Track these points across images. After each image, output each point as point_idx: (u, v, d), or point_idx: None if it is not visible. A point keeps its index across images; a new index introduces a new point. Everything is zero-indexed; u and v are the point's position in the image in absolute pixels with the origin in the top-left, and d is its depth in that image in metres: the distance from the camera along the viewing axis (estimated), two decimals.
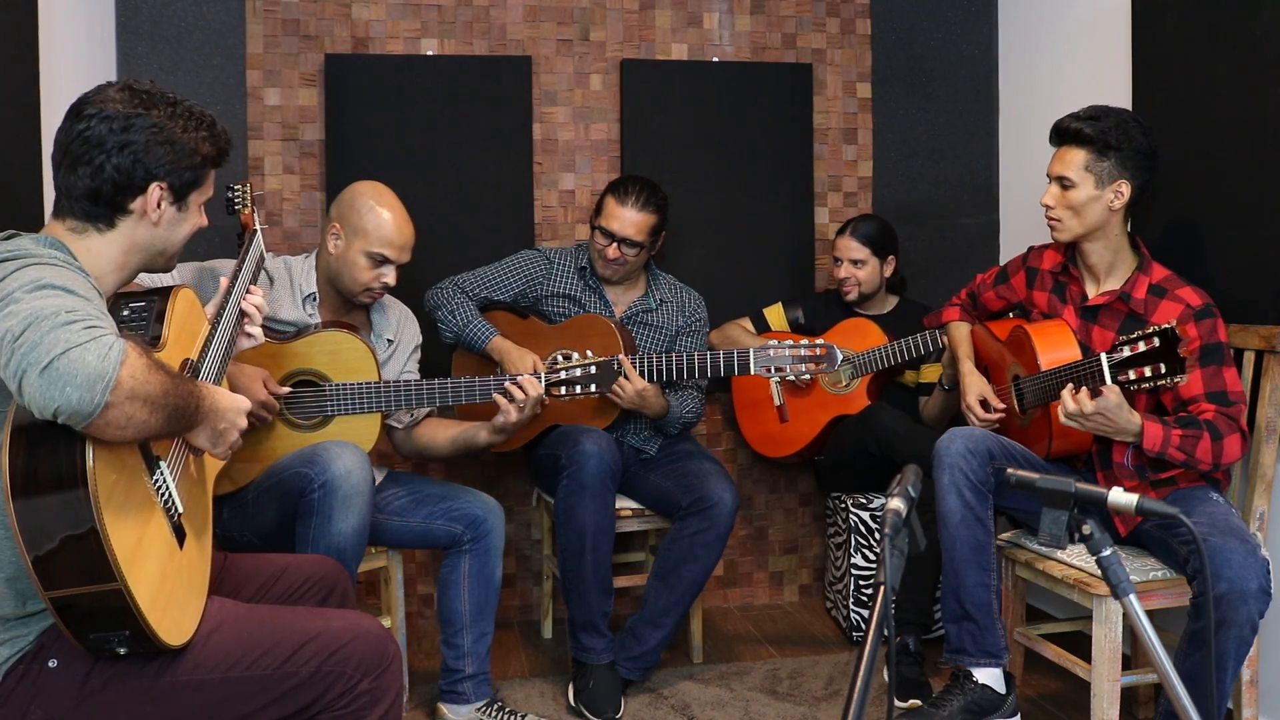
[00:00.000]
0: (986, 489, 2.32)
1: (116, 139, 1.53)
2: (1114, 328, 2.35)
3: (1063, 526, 1.49)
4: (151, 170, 1.56)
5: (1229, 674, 2.01)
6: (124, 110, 1.54)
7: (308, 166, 3.21)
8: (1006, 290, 2.66)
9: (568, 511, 2.64)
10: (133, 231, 1.58)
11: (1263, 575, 1.98)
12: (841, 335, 3.14)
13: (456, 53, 3.28)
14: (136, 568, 1.38)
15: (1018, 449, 2.40)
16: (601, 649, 2.69)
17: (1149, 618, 1.50)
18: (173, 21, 3.08)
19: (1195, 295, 2.26)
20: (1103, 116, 2.30)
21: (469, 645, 2.51)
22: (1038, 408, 2.42)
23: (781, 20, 3.49)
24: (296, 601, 1.85)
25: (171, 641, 1.45)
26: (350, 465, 2.19)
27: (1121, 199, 2.30)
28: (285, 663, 1.54)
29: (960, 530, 2.31)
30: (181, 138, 1.59)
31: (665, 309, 3.02)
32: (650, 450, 2.97)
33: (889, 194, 3.55)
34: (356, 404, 2.40)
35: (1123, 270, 2.38)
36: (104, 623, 1.37)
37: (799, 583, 3.57)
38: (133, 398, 1.32)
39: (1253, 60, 2.41)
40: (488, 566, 2.52)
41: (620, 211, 2.86)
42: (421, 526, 2.50)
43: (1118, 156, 2.29)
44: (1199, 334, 2.21)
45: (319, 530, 2.18)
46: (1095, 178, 2.30)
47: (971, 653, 2.35)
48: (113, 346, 1.30)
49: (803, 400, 3.14)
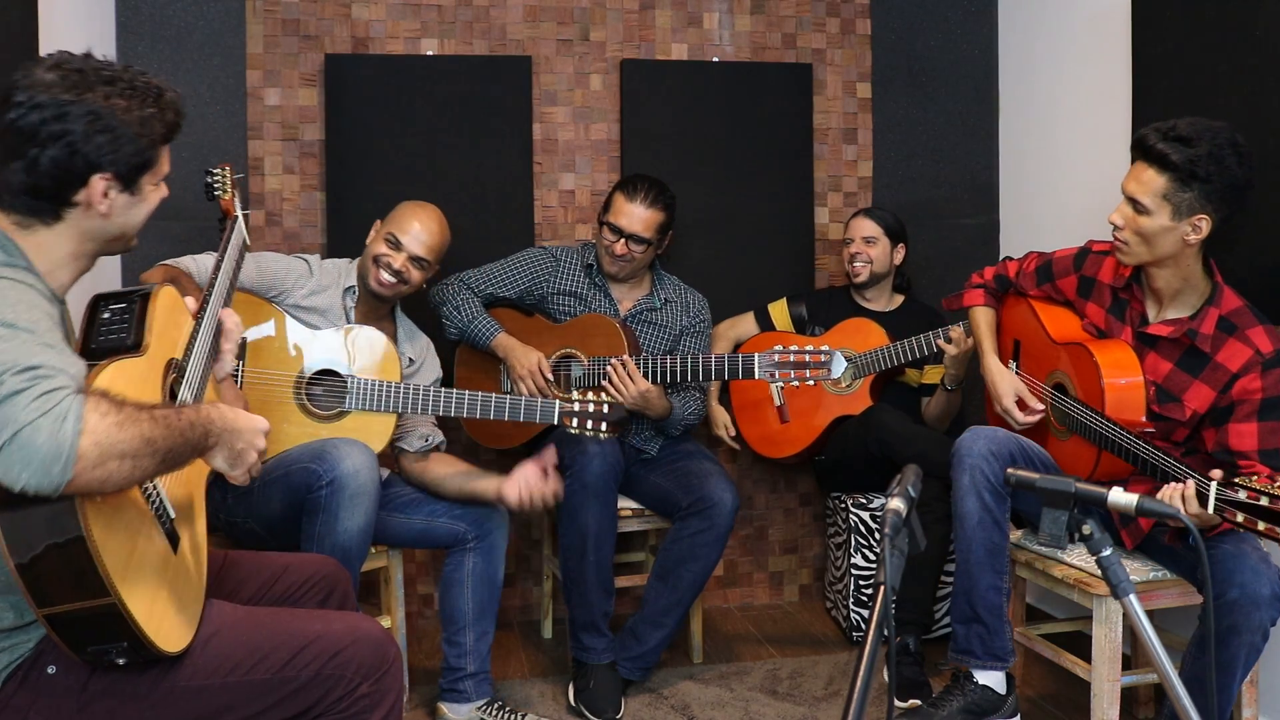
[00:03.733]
0: (1006, 492, 2.28)
1: (50, 129, 1.38)
2: (1173, 359, 2.17)
3: (1063, 526, 1.49)
4: (92, 161, 1.42)
5: (1236, 680, 2.00)
6: (56, 96, 1.38)
7: (308, 166, 3.21)
8: (1052, 290, 2.45)
9: (571, 512, 2.64)
10: (81, 223, 1.46)
11: (1275, 582, 1.96)
12: (843, 335, 3.14)
13: (456, 53, 3.28)
14: (131, 580, 1.35)
15: (1037, 452, 2.34)
16: (602, 649, 2.69)
17: (1149, 618, 1.50)
18: (173, 21, 3.08)
19: (1267, 340, 2.07)
20: (1197, 140, 2.01)
21: (470, 644, 2.52)
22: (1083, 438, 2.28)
23: (781, 20, 3.49)
24: (296, 602, 1.84)
25: (170, 649, 1.43)
26: (359, 464, 2.20)
27: (1199, 234, 2.06)
28: (285, 666, 1.53)
29: (977, 532, 2.29)
30: (123, 122, 1.43)
31: (670, 308, 3.02)
32: (651, 451, 2.97)
33: (889, 194, 3.55)
34: (375, 401, 2.43)
35: (1192, 298, 2.16)
36: (101, 636, 1.35)
37: (799, 583, 3.57)
38: (103, 462, 1.22)
39: (1253, 60, 2.41)
40: (491, 566, 2.53)
41: (629, 208, 2.86)
42: (424, 525, 2.51)
43: (1203, 189, 2.01)
44: (1263, 386, 2.04)
45: (325, 527, 2.19)
46: (1173, 208, 2.04)
47: (979, 655, 2.33)
48: (66, 418, 1.18)
49: (803, 401, 3.13)
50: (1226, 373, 2.10)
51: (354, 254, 2.70)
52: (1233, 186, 2.03)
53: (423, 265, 2.59)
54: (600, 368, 2.79)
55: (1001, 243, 3.58)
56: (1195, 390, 2.14)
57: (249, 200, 3.15)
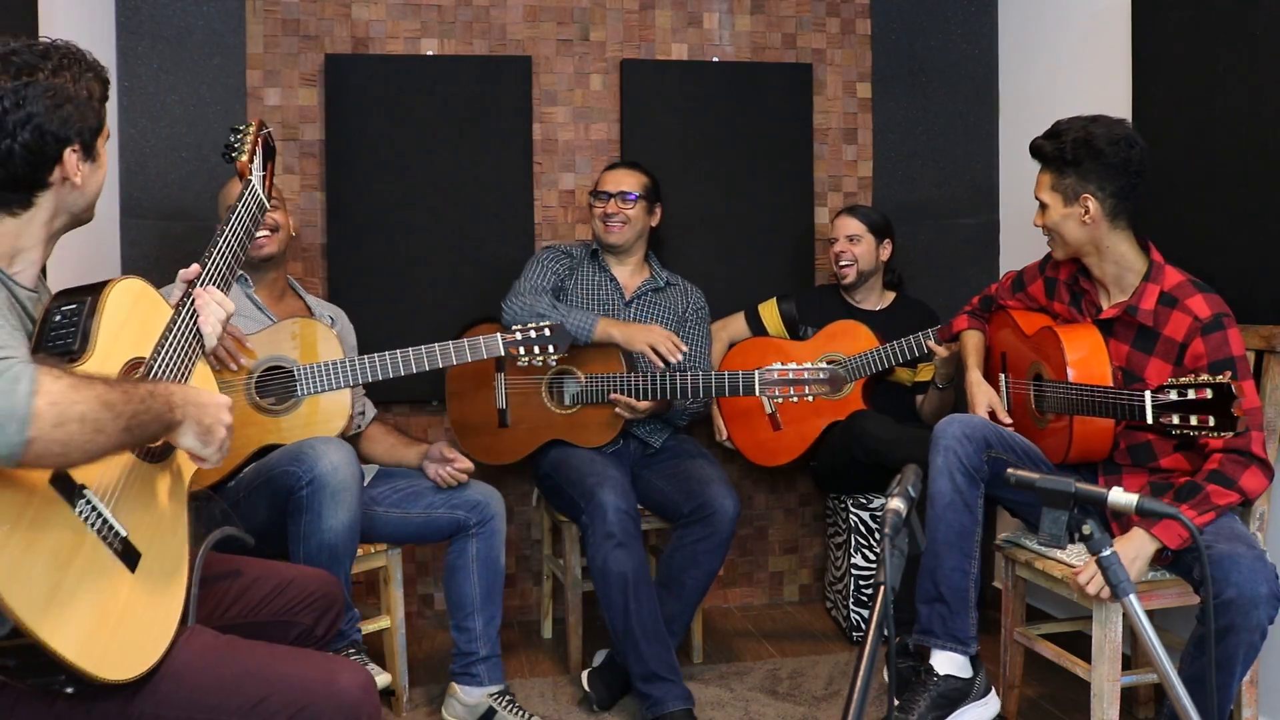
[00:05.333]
0: (979, 475, 2.30)
1: (15, 117, 1.41)
2: (1129, 340, 2.27)
3: (1063, 526, 1.49)
4: (61, 137, 1.45)
5: (1235, 679, 2.00)
6: (9, 84, 1.41)
7: (308, 166, 3.21)
8: (1025, 298, 2.59)
9: (598, 567, 2.58)
10: (55, 201, 1.48)
11: (1272, 580, 1.97)
12: (831, 339, 3.13)
13: (456, 53, 3.28)
14: (55, 614, 1.26)
15: (1017, 440, 2.37)
16: (673, 697, 2.53)
17: (1149, 618, 1.50)
18: (173, 21, 3.08)
19: (1205, 305, 2.17)
20: (1064, 132, 2.25)
21: (480, 628, 2.52)
22: (1057, 415, 2.37)
23: (781, 20, 3.49)
24: (297, 613, 1.81)
25: (119, 677, 1.35)
26: (337, 461, 2.20)
27: (1091, 213, 2.23)
28: (250, 711, 1.45)
29: (947, 513, 2.30)
30: (75, 90, 1.46)
31: (673, 291, 3.07)
32: (656, 443, 2.98)
33: (889, 194, 3.55)
34: (325, 382, 2.43)
35: (1131, 279, 2.29)
36: (37, 670, 1.27)
37: (799, 583, 3.57)
38: (62, 423, 1.19)
39: (1253, 60, 2.41)
40: (494, 550, 2.54)
41: (611, 174, 3.01)
42: (423, 518, 2.51)
43: (1077, 171, 2.23)
44: (1206, 350, 2.13)
45: (309, 527, 2.19)
46: (1061, 196, 2.26)
47: (939, 635, 2.32)
48: (20, 379, 1.17)
49: (795, 407, 3.11)
50: (1174, 344, 2.20)
51: (354, 254, 2.69)
52: (1108, 163, 2.21)
53: (275, 203, 2.52)
54: (596, 385, 2.81)
55: (1001, 243, 3.58)
56: (1153, 367, 2.24)
57: None
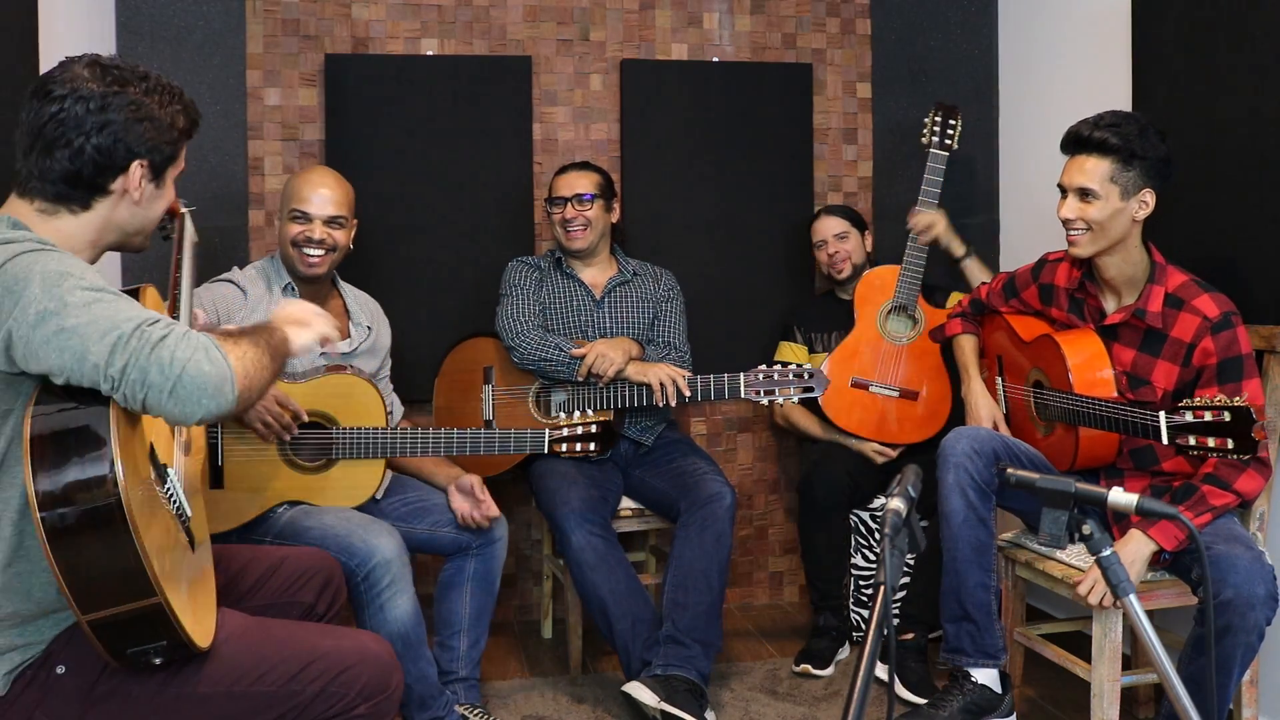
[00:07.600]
0: (990, 490, 2.31)
1: (95, 119, 1.48)
2: (1135, 344, 2.26)
3: (1063, 526, 1.49)
4: (133, 148, 1.52)
5: (1233, 679, 2.01)
6: (99, 89, 1.49)
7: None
8: (1019, 304, 2.56)
9: (581, 585, 2.65)
10: (111, 212, 1.53)
11: (1270, 581, 1.97)
12: (865, 298, 3.10)
13: (456, 53, 3.28)
14: (169, 577, 1.38)
15: (1023, 449, 2.37)
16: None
17: (1149, 618, 1.50)
18: (173, 21, 3.08)
19: (1213, 305, 2.16)
20: (1124, 123, 2.19)
21: (464, 649, 2.50)
22: (1062, 424, 2.35)
23: (781, 20, 3.49)
24: (294, 593, 1.86)
25: (204, 645, 1.46)
26: (389, 554, 2.19)
27: (1146, 209, 2.20)
28: (291, 680, 1.53)
29: (963, 531, 2.30)
30: (159, 114, 1.54)
31: (640, 280, 3.06)
32: (648, 441, 2.96)
33: (889, 194, 3.55)
34: (362, 450, 2.39)
35: (1140, 281, 2.27)
36: (143, 636, 1.37)
37: (799, 583, 3.57)
38: (248, 374, 1.40)
39: (1253, 59, 2.41)
40: (492, 571, 2.52)
41: (563, 178, 3.01)
42: (426, 534, 2.48)
43: (1142, 165, 2.17)
44: (1216, 349, 2.12)
45: (374, 622, 2.20)
46: (1120, 189, 2.18)
47: (970, 653, 2.35)
48: (209, 348, 1.34)
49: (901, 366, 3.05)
50: (1182, 345, 2.18)
51: (354, 253, 2.68)
52: (1163, 160, 2.19)
53: (340, 223, 2.52)
54: (582, 391, 2.81)
55: (1001, 243, 3.58)
56: (1160, 370, 2.22)
57: (249, 200, 3.15)
